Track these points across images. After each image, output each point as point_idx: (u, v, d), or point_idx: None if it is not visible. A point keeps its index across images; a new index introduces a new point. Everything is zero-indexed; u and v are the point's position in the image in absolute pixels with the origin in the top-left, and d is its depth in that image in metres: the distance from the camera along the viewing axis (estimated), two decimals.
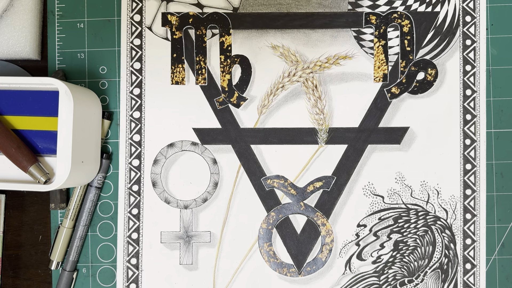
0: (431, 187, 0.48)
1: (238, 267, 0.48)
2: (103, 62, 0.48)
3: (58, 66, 0.48)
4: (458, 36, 0.48)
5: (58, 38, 0.48)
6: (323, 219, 0.48)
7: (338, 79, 0.48)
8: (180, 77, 0.48)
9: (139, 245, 0.47)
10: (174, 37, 0.48)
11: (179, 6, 0.48)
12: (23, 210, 0.49)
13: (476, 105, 0.48)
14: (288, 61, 0.48)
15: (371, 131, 0.48)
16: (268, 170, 0.48)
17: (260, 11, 0.48)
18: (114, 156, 0.48)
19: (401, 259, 0.48)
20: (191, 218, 0.48)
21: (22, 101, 0.44)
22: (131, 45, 0.48)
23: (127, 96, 0.48)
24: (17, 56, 0.48)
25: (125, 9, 0.48)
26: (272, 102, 0.48)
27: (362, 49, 0.48)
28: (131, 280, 0.47)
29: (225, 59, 0.48)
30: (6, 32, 0.47)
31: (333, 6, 0.48)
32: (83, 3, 0.48)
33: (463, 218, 0.48)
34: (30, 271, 0.48)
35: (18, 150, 0.43)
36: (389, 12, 0.48)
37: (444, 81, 0.48)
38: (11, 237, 0.49)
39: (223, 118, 0.48)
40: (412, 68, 0.48)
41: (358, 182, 0.48)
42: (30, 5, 0.47)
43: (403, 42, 0.48)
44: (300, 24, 0.48)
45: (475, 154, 0.48)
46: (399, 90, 0.48)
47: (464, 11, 0.48)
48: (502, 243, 0.48)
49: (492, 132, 0.48)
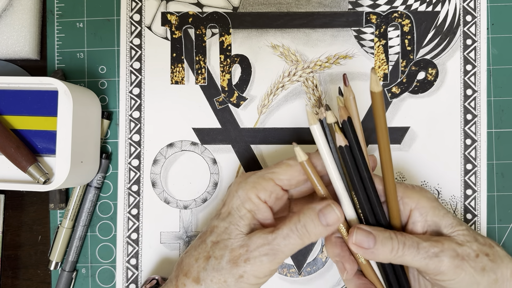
0: (431, 187, 0.47)
1: None
2: (103, 62, 0.48)
3: (57, 65, 0.48)
4: (459, 35, 0.48)
5: (58, 38, 0.48)
6: None
7: (339, 78, 0.48)
8: (180, 76, 0.48)
9: (138, 246, 0.47)
10: (173, 36, 0.48)
11: (179, 5, 0.48)
12: (22, 210, 0.48)
13: (476, 105, 0.48)
14: (288, 60, 0.48)
15: (372, 131, 0.48)
16: None
17: (260, 11, 0.48)
18: (113, 156, 0.48)
19: None
20: (191, 218, 0.47)
21: (21, 101, 0.44)
22: (130, 45, 0.48)
23: (127, 96, 0.48)
24: (16, 56, 0.48)
25: (125, 9, 0.48)
26: (272, 102, 0.48)
27: (363, 48, 0.48)
28: (130, 280, 0.47)
29: (225, 58, 0.48)
30: (5, 32, 0.47)
31: (334, 6, 0.48)
32: (82, 3, 0.48)
33: (463, 218, 0.47)
34: (29, 272, 0.48)
35: (17, 150, 0.42)
36: (390, 12, 0.48)
37: (445, 81, 0.48)
38: (10, 237, 0.48)
39: (223, 118, 0.48)
40: (412, 67, 0.48)
41: None
42: (29, 4, 0.47)
43: (403, 41, 0.48)
44: (300, 24, 0.48)
45: (476, 154, 0.48)
46: (400, 90, 0.48)
47: (465, 10, 0.48)
48: (502, 244, 0.48)
49: (492, 132, 0.48)
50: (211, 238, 0.37)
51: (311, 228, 0.36)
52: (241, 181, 0.39)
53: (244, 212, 0.37)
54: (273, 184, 0.38)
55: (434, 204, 0.38)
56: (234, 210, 0.38)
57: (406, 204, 0.38)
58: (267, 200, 0.38)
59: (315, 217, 0.36)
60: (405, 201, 0.38)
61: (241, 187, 0.38)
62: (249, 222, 0.37)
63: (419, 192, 0.39)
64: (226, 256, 0.36)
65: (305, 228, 0.36)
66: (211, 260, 0.36)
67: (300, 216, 0.36)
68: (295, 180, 0.38)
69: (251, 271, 0.35)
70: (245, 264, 0.35)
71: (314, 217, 0.36)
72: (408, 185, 0.40)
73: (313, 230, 0.36)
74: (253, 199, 0.37)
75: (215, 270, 0.36)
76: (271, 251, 0.35)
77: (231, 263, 0.35)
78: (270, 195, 0.38)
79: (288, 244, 0.36)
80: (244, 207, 0.37)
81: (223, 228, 0.37)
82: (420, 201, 0.38)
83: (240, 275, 0.35)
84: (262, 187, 0.37)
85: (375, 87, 0.35)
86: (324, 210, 0.36)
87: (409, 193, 0.38)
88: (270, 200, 0.38)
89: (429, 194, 0.39)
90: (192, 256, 0.38)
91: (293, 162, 0.38)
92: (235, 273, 0.35)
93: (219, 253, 0.36)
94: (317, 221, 0.36)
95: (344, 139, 0.37)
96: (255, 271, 0.35)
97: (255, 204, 0.37)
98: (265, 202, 0.38)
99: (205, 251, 0.37)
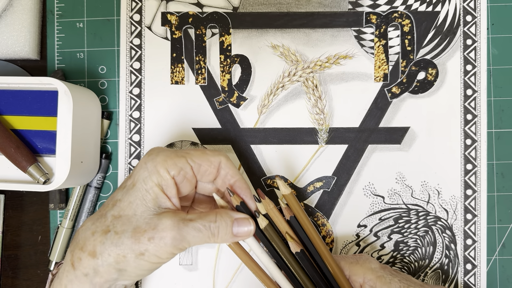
0: (431, 187, 0.47)
1: (238, 268, 0.48)
2: (103, 62, 0.48)
3: (57, 65, 0.48)
4: (459, 35, 0.48)
5: (58, 38, 0.48)
6: (323, 219, 0.48)
7: (339, 78, 0.48)
8: (180, 76, 0.48)
9: None
10: (173, 36, 0.48)
11: (179, 5, 0.48)
12: (22, 210, 0.48)
13: (476, 105, 0.48)
14: (288, 60, 0.48)
15: (372, 131, 0.48)
16: (268, 170, 0.48)
17: (260, 11, 0.48)
18: (113, 156, 0.48)
19: (402, 260, 0.48)
20: None
21: (21, 101, 0.44)
22: (130, 45, 0.48)
23: (127, 96, 0.48)
24: (16, 56, 0.48)
25: (125, 9, 0.48)
26: (272, 102, 0.48)
27: (363, 48, 0.48)
28: None
29: (225, 58, 0.48)
30: (5, 32, 0.47)
31: (334, 6, 0.48)
32: (82, 3, 0.48)
33: (463, 219, 0.47)
34: (29, 272, 0.48)
35: (17, 150, 0.42)
36: (390, 12, 0.48)
37: (445, 81, 0.48)
38: (10, 238, 0.48)
39: (223, 118, 0.48)
40: (412, 67, 0.48)
41: (358, 182, 0.48)
42: (29, 4, 0.47)
43: (403, 41, 0.48)
44: (300, 24, 0.48)
45: (476, 154, 0.48)
46: (400, 90, 0.48)
47: (465, 10, 0.48)
48: (502, 244, 0.48)
49: (492, 132, 0.48)
50: (112, 212, 0.36)
51: (222, 232, 0.37)
52: (152, 153, 0.38)
53: (150, 185, 0.36)
54: (184, 161, 0.37)
55: (379, 274, 0.41)
56: (139, 183, 0.36)
57: (355, 281, 0.41)
58: (175, 176, 0.37)
59: (230, 224, 0.37)
60: (354, 279, 0.41)
61: (151, 159, 0.37)
62: (156, 197, 0.36)
63: (363, 265, 0.42)
64: (129, 232, 0.35)
65: (218, 230, 0.37)
66: (110, 234, 0.35)
67: (217, 217, 0.37)
68: (205, 168, 0.38)
69: (153, 250, 0.34)
70: (149, 242, 0.34)
71: (230, 223, 0.37)
72: (353, 259, 0.42)
73: (223, 235, 0.37)
74: (162, 172, 0.36)
75: (114, 244, 0.34)
76: (178, 236, 0.35)
77: (133, 239, 0.34)
78: (179, 172, 0.37)
79: (197, 237, 0.36)
80: (151, 180, 0.36)
81: (127, 202, 0.36)
82: (366, 274, 0.41)
83: (141, 252, 0.34)
84: (173, 162, 0.37)
85: (284, 190, 0.41)
86: (241, 221, 0.38)
87: (355, 269, 0.41)
88: (178, 178, 0.37)
89: (373, 264, 0.42)
90: (88, 229, 0.36)
91: (210, 152, 0.39)
92: (136, 249, 0.34)
93: (120, 228, 0.35)
94: (230, 228, 0.37)
95: (298, 245, 0.40)
96: (158, 251, 0.35)
97: (163, 178, 0.36)
98: (173, 178, 0.37)
99: (104, 225, 0.36)
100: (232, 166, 0.39)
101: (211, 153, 0.39)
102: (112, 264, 0.34)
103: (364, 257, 0.43)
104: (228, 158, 0.39)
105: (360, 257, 0.43)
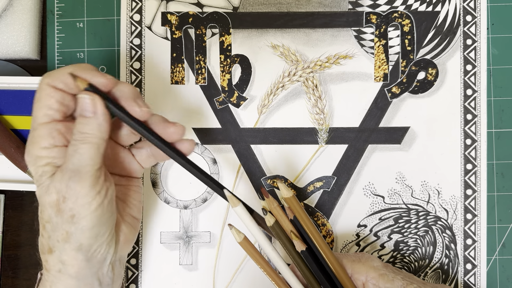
0: (431, 187, 0.47)
1: (238, 267, 0.48)
2: (103, 62, 0.48)
3: (57, 65, 0.48)
4: (459, 35, 0.48)
5: (58, 38, 0.48)
6: (323, 219, 0.48)
7: (339, 78, 0.48)
8: (180, 76, 0.48)
9: (138, 246, 0.47)
10: (174, 36, 0.48)
11: (179, 5, 0.48)
12: (23, 210, 0.48)
13: (476, 105, 0.48)
14: (288, 60, 0.48)
15: (372, 131, 0.48)
16: (268, 170, 0.48)
17: (260, 11, 0.48)
18: None
19: (402, 260, 0.48)
20: (191, 218, 0.47)
21: (22, 101, 0.44)
22: (130, 45, 0.48)
23: None
24: (17, 56, 0.48)
25: (125, 9, 0.48)
26: (272, 102, 0.48)
27: (363, 48, 0.48)
28: (130, 280, 0.47)
29: (225, 58, 0.48)
30: (5, 32, 0.47)
31: (334, 6, 0.48)
32: (82, 3, 0.48)
33: (463, 218, 0.47)
34: (29, 272, 0.48)
35: (18, 150, 0.42)
36: (390, 12, 0.48)
37: (445, 81, 0.48)
38: (10, 237, 0.48)
39: (223, 118, 0.48)
40: (412, 67, 0.48)
41: (358, 182, 0.48)
42: (29, 4, 0.47)
43: (403, 41, 0.48)
44: (300, 24, 0.48)
45: (476, 154, 0.48)
46: (400, 90, 0.48)
47: (465, 10, 0.48)
48: (502, 243, 0.48)
49: (492, 132, 0.48)
50: (39, 214, 0.36)
51: (82, 128, 0.34)
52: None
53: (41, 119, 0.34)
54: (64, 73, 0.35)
55: (381, 272, 0.41)
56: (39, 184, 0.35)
57: (358, 280, 0.41)
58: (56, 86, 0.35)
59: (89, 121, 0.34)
60: (356, 277, 0.41)
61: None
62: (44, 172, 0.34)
63: (365, 263, 0.41)
64: (49, 210, 0.34)
65: (79, 132, 0.34)
66: (47, 226, 0.35)
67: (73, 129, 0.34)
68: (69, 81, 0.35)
69: (73, 205, 0.33)
70: (64, 204, 0.33)
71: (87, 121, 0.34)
72: (355, 257, 0.42)
73: (85, 127, 0.34)
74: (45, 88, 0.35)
75: (53, 230, 0.34)
76: (72, 173, 0.33)
77: (56, 212, 0.33)
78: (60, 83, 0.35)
79: (80, 156, 0.33)
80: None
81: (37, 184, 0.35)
82: (369, 272, 0.41)
83: (70, 215, 0.33)
84: (55, 74, 0.35)
85: (286, 194, 0.41)
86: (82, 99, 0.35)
87: (357, 268, 0.41)
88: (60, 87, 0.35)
89: (375, 263, 0.42)
90: (39, 236, 0.37)
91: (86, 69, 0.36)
92: (64, 216, 0.33)
93: (46, 215, 0.34)
94: (90, 120, 0.34)
95: (303, 244, 0.40)
96: (75, 201, 0.33)
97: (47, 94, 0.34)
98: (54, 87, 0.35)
99: (40, 224, 0.36)
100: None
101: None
102: (67, 247, 0.34)
103: (366, 255, 0.43)
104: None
105: (362, 256, 0.43)
